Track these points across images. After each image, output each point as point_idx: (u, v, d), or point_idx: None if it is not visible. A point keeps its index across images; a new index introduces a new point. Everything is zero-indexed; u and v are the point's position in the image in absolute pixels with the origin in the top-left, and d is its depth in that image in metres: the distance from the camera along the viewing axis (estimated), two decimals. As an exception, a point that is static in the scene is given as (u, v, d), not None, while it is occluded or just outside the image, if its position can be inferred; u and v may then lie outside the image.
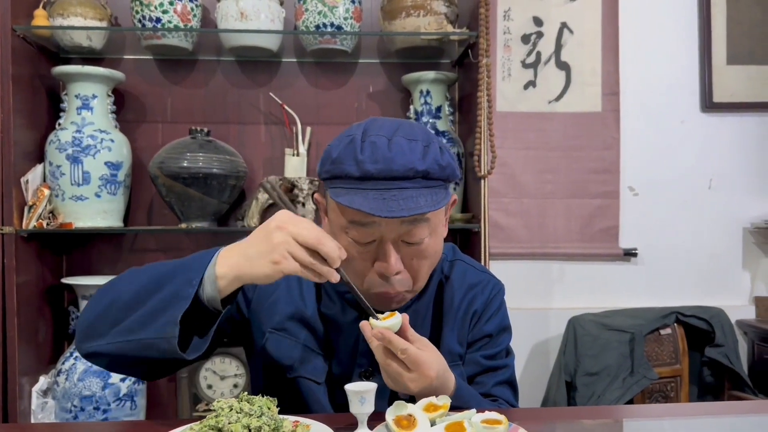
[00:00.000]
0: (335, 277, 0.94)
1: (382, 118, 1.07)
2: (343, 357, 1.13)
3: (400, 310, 1.00)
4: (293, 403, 1.09)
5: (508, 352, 1.22)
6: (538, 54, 2.55)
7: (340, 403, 1.08)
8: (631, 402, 2.19)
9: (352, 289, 0.99)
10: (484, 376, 1.17)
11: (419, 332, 1.01)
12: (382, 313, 1.00)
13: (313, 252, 0.92)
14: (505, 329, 1.22)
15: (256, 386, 1.19)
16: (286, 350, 1.12)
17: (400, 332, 0.97)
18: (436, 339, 1.14)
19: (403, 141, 0.99)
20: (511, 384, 1.20)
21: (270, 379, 1.14)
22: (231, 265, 0.94)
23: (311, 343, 1.12)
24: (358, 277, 1.04)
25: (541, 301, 2.56)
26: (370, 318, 0.97)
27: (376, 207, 0.95)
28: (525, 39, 2.55)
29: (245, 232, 2.25)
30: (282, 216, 0.93)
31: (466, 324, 1.18)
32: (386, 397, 1.08)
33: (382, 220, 0.97)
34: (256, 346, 1.15)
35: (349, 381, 1.06)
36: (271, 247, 0.91)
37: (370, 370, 1.12)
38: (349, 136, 1.02)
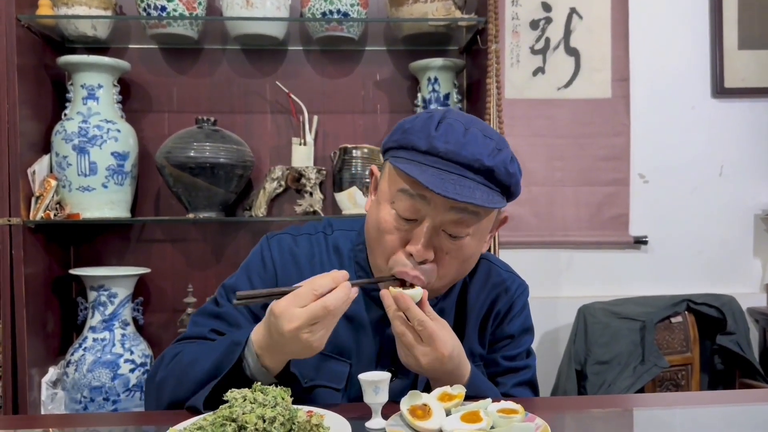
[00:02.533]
0: (353, 290, 0.94)
1: (460, 111, 1.07)
2: (365, 358, 1.10)
3: None
4: None
5: (529, 353, 1.21)
6: (547, 40, 2.52)
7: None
8: (641, 390, 2.18)
9: (368, 283, 1.03)
10: (504, 377, 1.16)
11: None
12: (403, 286, 0.99)
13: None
14: (528, 330, 1.20)
15: None
16: (302, 360, 1.05)
17: (419, 306, 0.96)
18: (458, 338, 1.12)
19: (479, 134, 0.99)
20: (532, 385, 1.19)
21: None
22: (280, 360, 0.97)
23: (329, 348, 1.04)
24: (385, 255, 1.02)
25: (551, 289, 2.54)
26: (390, 286, 0.98)
27: (432, 182, 0.93)
28: (534, 25, 2.52)
29: (253, 222, 2.28)
30: (283, 317, 0.90)
31: (488, 323, 1.16)
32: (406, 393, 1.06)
33: (432, 199, 0.96)
34: None
35: None
36: (303, 347, 0.92)
37: (393, 369, 1.08)
38: (429, 113, 1.02)
